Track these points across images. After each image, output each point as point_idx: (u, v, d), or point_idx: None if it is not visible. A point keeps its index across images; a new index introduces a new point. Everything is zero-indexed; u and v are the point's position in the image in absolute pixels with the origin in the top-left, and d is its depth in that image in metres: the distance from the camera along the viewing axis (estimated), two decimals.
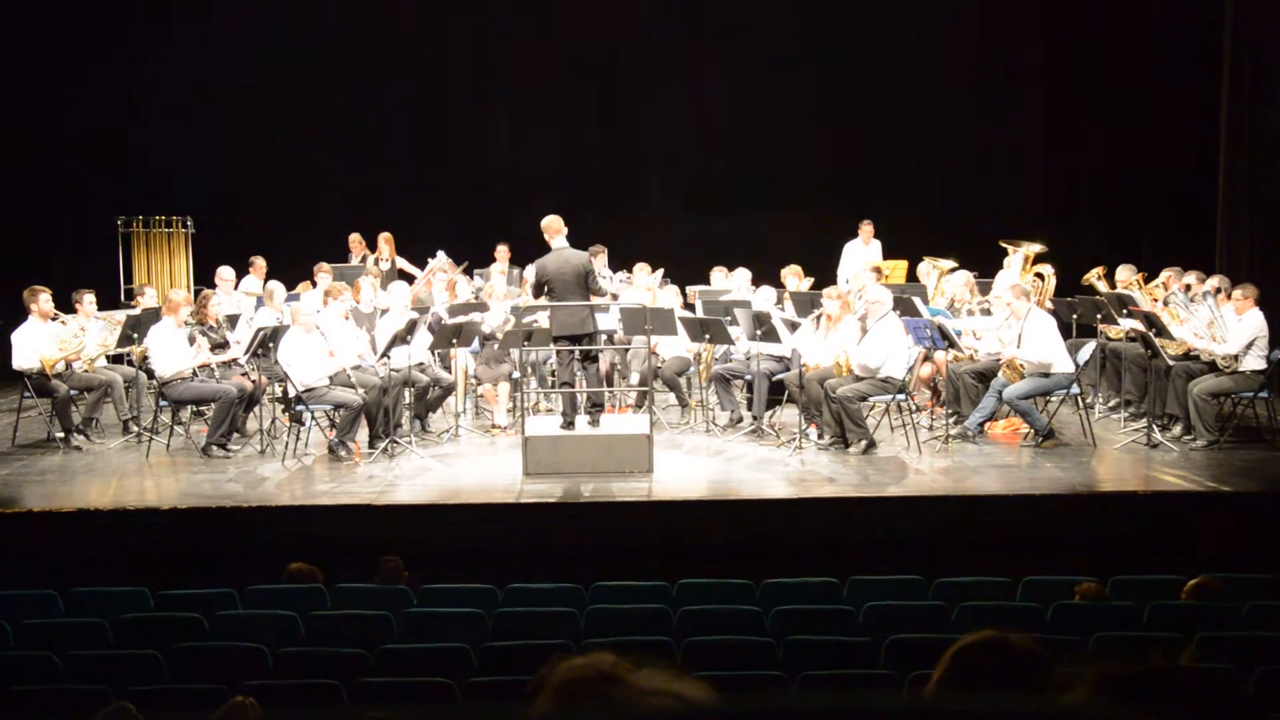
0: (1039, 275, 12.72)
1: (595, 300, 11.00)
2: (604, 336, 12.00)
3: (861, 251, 15.24)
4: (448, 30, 17.49)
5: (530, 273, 12.33)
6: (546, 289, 10.89)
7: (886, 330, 10.97)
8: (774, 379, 11.85)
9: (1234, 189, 14.63)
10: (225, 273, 13.82)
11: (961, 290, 12.62)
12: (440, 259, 14.59)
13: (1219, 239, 14.74)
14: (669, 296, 13.03)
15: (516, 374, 12.19)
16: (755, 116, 17.46)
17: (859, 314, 11.32)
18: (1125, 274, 12.82)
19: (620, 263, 14.65)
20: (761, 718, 1.39)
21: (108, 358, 12.37)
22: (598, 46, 17.45)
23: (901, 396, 11.13)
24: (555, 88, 17.48)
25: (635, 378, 12.65)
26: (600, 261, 13.54)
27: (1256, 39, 14.26)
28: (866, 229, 15.38)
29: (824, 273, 15.10)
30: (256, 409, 11.71)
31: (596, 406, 10.99)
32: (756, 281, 13.37)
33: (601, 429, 10.78)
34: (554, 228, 11.00)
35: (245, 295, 14.03)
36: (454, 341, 11.68)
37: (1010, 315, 11.12)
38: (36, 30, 16.95)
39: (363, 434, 11.27)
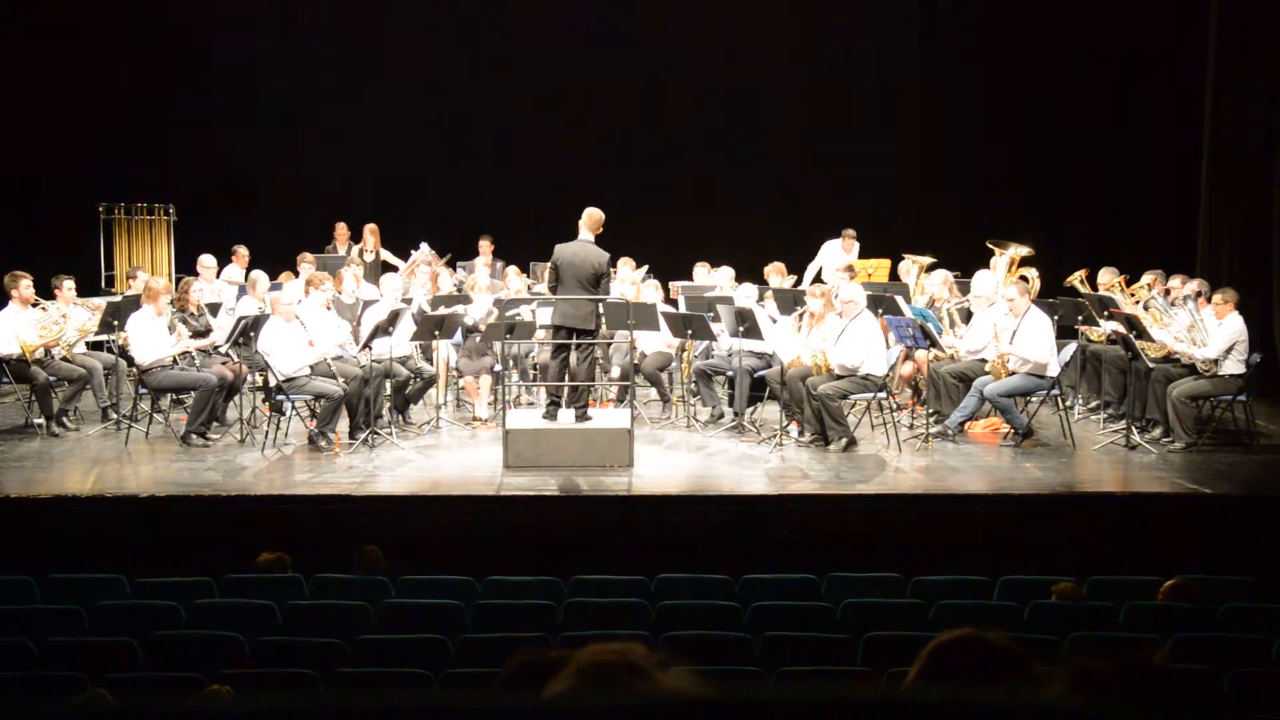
0: (1023, 278, 12.75)
1: (587, 297, 10.92)
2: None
3: (839, 255, 15.13)
4: (435, 22, 17.45)
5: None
6: (555, 274, 10.84)
7: (862, 328, 11.00)
8: (756, 375, 11.87)
9: (1215, 194, 14.68)
10: (207, 261, 13.77)
11: (940, 289, 12.65)
12: (423, 251, 14.57)
13: (1200, 243, 14.79)
14: (650, 292, 13.00)
15: (498, 367, 12.18)
16: (741, 113, 17.46)
17: (838, 311, 11.33)
18: (1107, 276, 12.86)
19: None
20: (766, 708, 1.39)
21: (87, 344, 12.32)
22: (585, 40, 17.42)
23: (882, 395, 11.16)
24: (541, 82, 17.45)
25: (617, 372, 12.65)
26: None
27: (1240, 43, 14.30)
28: (850, 240, 15.20)
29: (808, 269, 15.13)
30: (236, 398, 11.67)
31: (580, 401, 10.97)
32: (739, 278, 13.37)
33: (583, 423, 10.77)
34: (587, 223, 10.91)
35: (227, 284, 13.98)
36: (436, 333, 11.67)
37: (1009, 311, 11.16)
38: (21, 17, 16.85)
39: (343, 424, 11.25)
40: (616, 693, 1.64)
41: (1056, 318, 11.85)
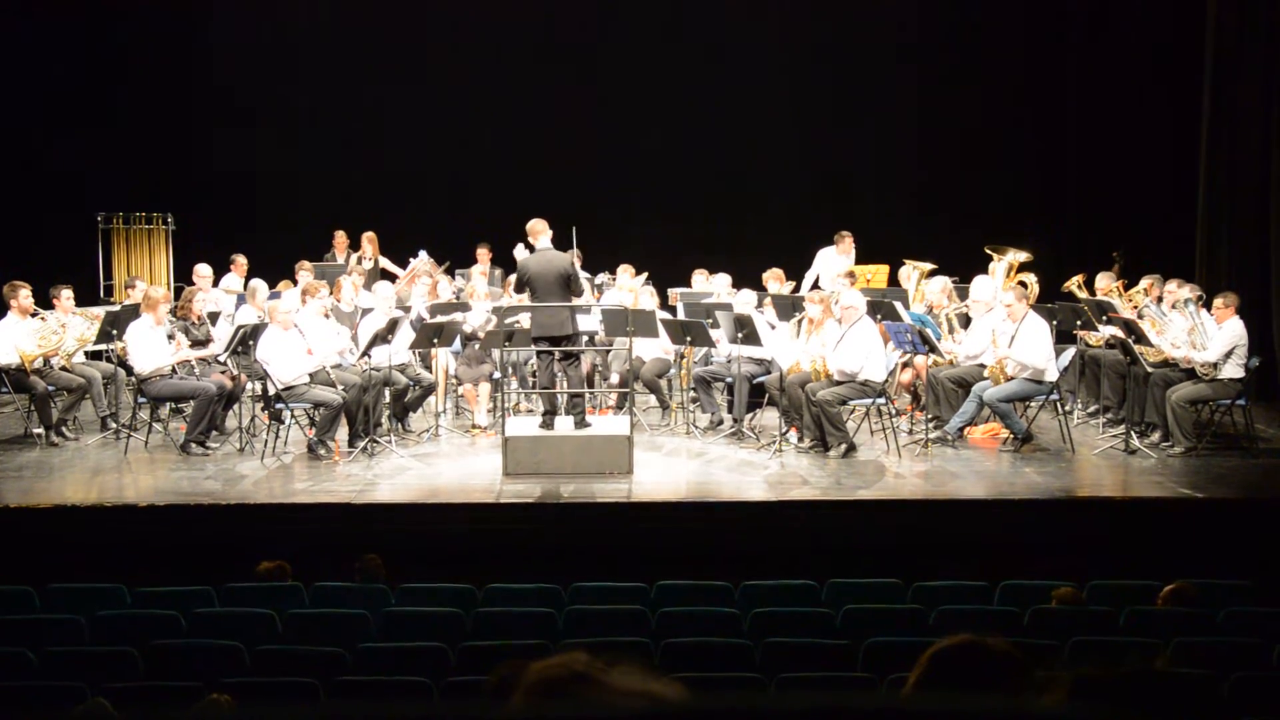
0: (1022, 283, 12.76)
1: (576, 302, 11.01)
2: (585, 338, 12.00)
3: (836, 260, 15.12)
4: (432, 30, 17.46)
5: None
6: (528, 289, 10.92)
7: (861, 334, 10.99)
8: (754, 382, 11.86)
9: (1213, 197, 14.68)
10: (203, 270, 13.73)
11: (939, 296, 12.64)
12: (422, 259, 14.57)
13: (1198, 247, 14.79)
14: (645, 299, 12.98)
15: (497, 374, 12.18)
16: (740, 119, 17.46)
17: (837, 317, 11.33)
18: (1105, 281, 12.87)
19: (602, 264, 14.66)
20: (733, 716, 1.39)
21: (86, 354, 12.32)
22: (582, 47, 17.44)
23: (882, 400, 11.15)
24: (538, 88, 17.45)
25: (616, 378, 12.65)
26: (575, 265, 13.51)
27: (1237, 46, 14.31)
28: (846, 240, 15.21)
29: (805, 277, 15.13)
30: (236, 407, 11.67)
31: (577, 409, 10.97)
32: (738, 285, 13.37)
33: (582, 430, 10.77)
34: (537, 229, 11.06)
35: (225, 293, 13.97)
36: (435, 341, 11.67)
37: (1007, 316, 11.17)
38: (19, 25, 16.86)
39: (342, 433, 11.25)
40: (571, 706, 1.64)
41: (1055, 322, 11.86)
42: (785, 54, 17.43)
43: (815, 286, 14.49)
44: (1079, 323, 12.37)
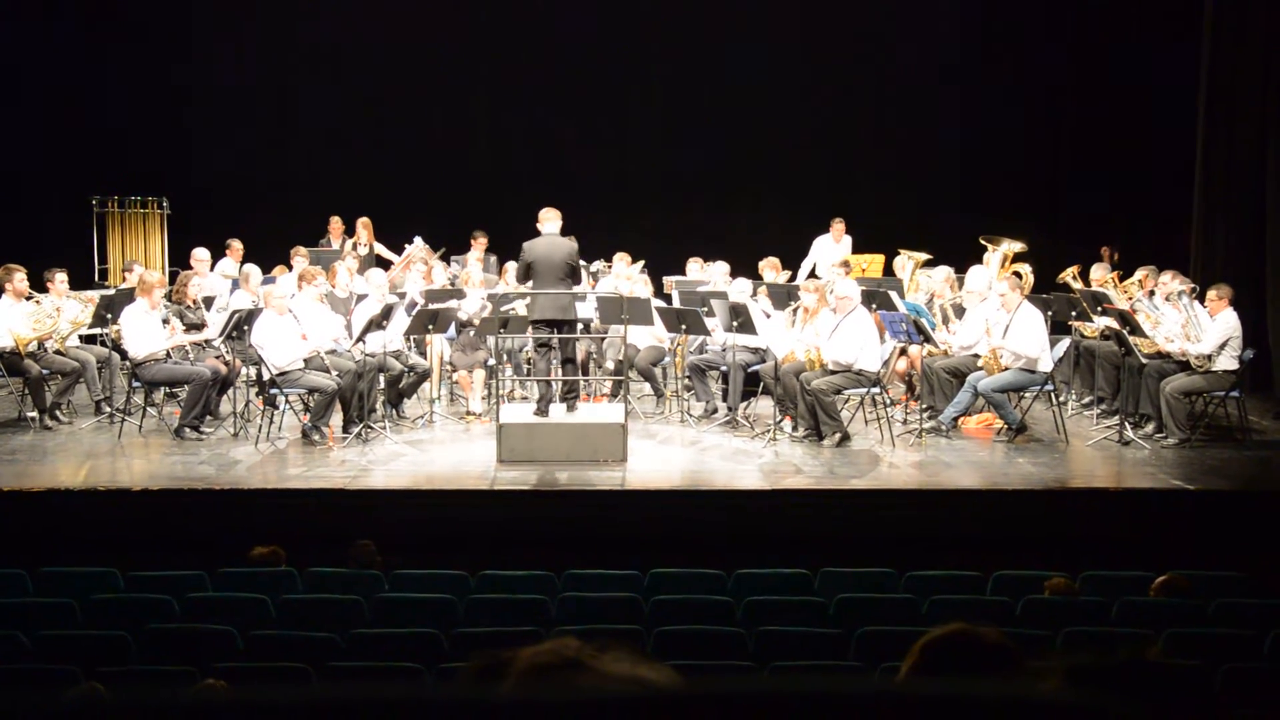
0: (1016, 274, 12.75)
1: (576, 289, 11.01)
2: (580, 325, 11.99)
3: (831, 248, 15.21)
4: (428, 18, 17.41)
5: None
6: (530, 271, 10.90)
7: (856, 324, 11.00)
8: (749, 370, 11.86)
9: (1209, 190, 14.67)
10: (200, 254, 13.72)
11: (942, 286, 12.64)
12: (417, 245, 14.56)
13: (1193, 240, 14.79)
14: (639, 287, 12.97)
15: (492, 361, 12.18)
16: (735, 108, 17.44)
17: (832, 307, 11.34)
18: (1100, 272, 12.88)
19: (597, 252, 14.64)
20: (725, 700, 1.39)
21: (80, 337, 12.30)
22: (579, 37, 17.40)
23: (876, 390, 11.16)
24: (535, 77, 17.43)
25: (611, 366, 12.65)
26: None
27: (1234, 38, 14.30)
28: (838, 226, 15.34)
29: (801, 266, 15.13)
30: (230, 392, 11.65)
31: (571, 394, 10.99)
32: (733, 273, 13.37)
33: (576, 417, 10.78)
34: (546, 216, 11.05)
35: (220, 277, 13.95)
36: (430, 327, 11.66)
37: (1001, 306, 11.18)
38: (15, 9, 16.81)
39: (336, 418, 11.24)
40: (563, 691, 1.63)
41: (1050, 313, 11.86)
42: (783, 43, 17.41)
43: (811, 275, 14.51)
44: (1074, 313, 12.37)
